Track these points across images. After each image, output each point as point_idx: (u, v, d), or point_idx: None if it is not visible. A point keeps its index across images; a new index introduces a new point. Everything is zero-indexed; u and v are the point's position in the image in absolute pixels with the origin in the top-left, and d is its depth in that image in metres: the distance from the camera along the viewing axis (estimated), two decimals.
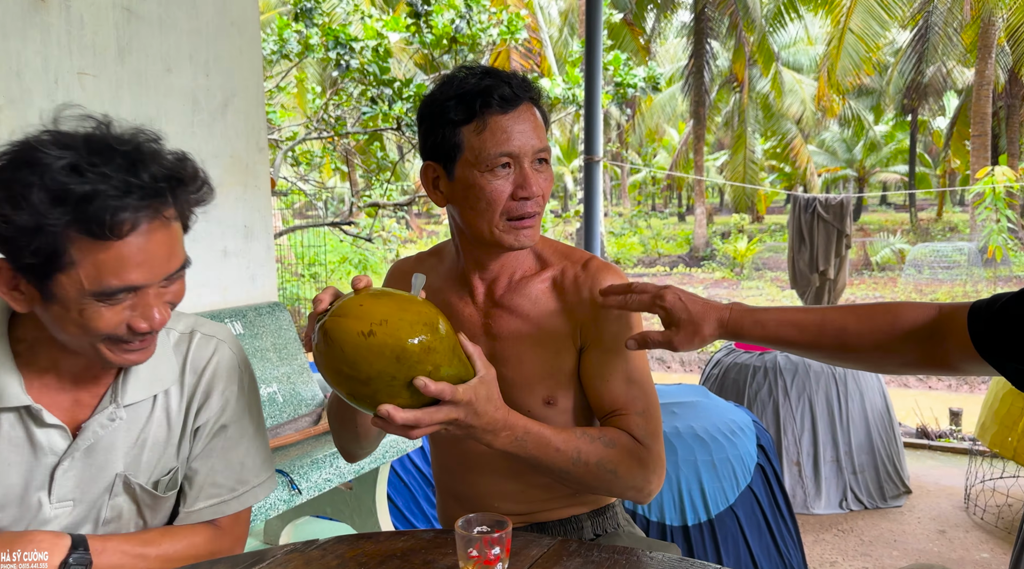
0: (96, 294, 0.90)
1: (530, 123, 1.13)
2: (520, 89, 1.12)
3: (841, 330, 1.05)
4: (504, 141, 1.10)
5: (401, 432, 0.94)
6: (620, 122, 24.73)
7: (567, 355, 1.20)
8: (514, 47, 12.91)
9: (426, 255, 1.36)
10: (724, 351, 3.87)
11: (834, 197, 5.02)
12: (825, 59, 16.43)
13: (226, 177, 2.57)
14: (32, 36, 1.98)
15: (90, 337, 0.93)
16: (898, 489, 3.51)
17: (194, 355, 1.11)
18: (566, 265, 1.23)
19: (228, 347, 1.14)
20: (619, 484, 1.12)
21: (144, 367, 1.05)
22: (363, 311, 0.90)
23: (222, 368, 1.12)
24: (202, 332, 1.13)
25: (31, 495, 1.00)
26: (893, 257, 15.70)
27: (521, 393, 1.19)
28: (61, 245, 0.87)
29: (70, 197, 0.86)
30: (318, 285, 11.47)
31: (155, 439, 1.07)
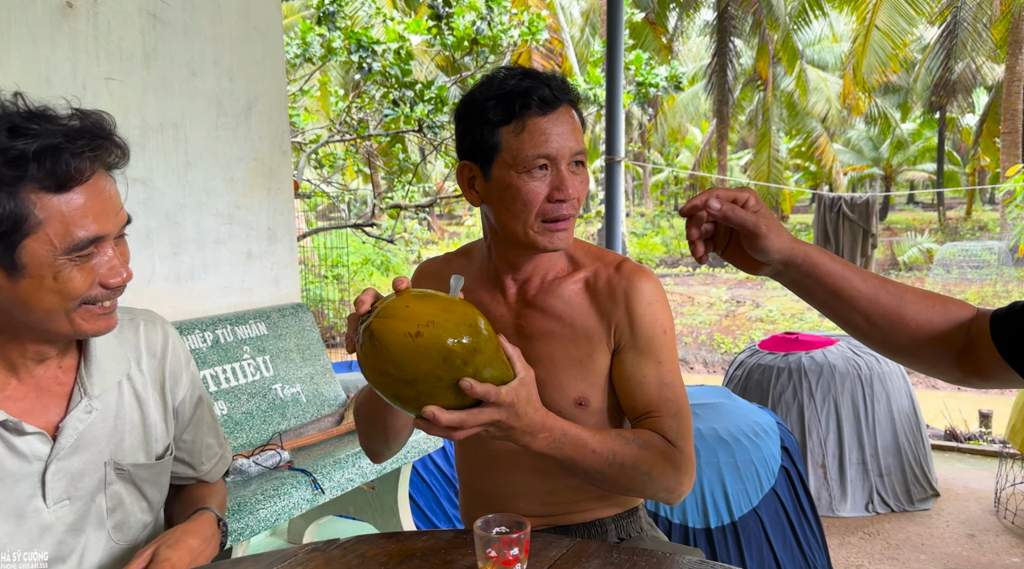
0: (67, 250, 0.92)
1: (568, 126, 1.13)
2: (560, 91, 1.13)
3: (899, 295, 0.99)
4: (542, 143, 1.11)
5: (444, 433, 0.94)
6: (642, 122, 24.62)
7: (600, 356, 1.20)
8: (535, 48, 12.91)
9: (454, 256, 1.36)
10: (747, 352, 3.84)
11: (860, 196, 4.96)
12: (851, 56, 16.23)
13: (250, 180, 2.60)
14: (60, 43, 2.01)
15: (67, 303, 0.95)
16: (926, 492, 3.46)
17: (147, 340, 1.16)
18: (599, 267, 1.23)
19: (170, 327, 1.21)
20: (652, 486, 1.13)
21: (102, 357, 1.08)
22: (409, 312, 0.90)
23: (178, 348, 1.20)
24: (142, 318, 1.18)
25: (26, 504, 1.01)
26: (921, 257, 15.47)
27: (553, 394, 1.20)
28: (25, 207, 0.89)
29: (24, 155, 0.88)
30: (341, 287, 11.56)
31: (132, 422, 1.11)
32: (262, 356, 2.44)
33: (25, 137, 0.89)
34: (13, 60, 1.90)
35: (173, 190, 2.34)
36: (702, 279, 15.74)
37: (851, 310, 1.00)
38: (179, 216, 2.37)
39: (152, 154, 2.27)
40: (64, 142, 0.90)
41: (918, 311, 0.98)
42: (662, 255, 19.26)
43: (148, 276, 2.28)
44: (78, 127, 0.93)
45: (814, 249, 1.00)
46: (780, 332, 4.03)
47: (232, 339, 2.38)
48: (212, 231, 2.47)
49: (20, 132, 0.89)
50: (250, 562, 1.04)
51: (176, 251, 2.36)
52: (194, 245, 2.42)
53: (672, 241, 20.84)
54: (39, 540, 1.02)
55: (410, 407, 0.94)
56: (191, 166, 2.39)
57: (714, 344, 10.60)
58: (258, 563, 1.03)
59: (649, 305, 1.20)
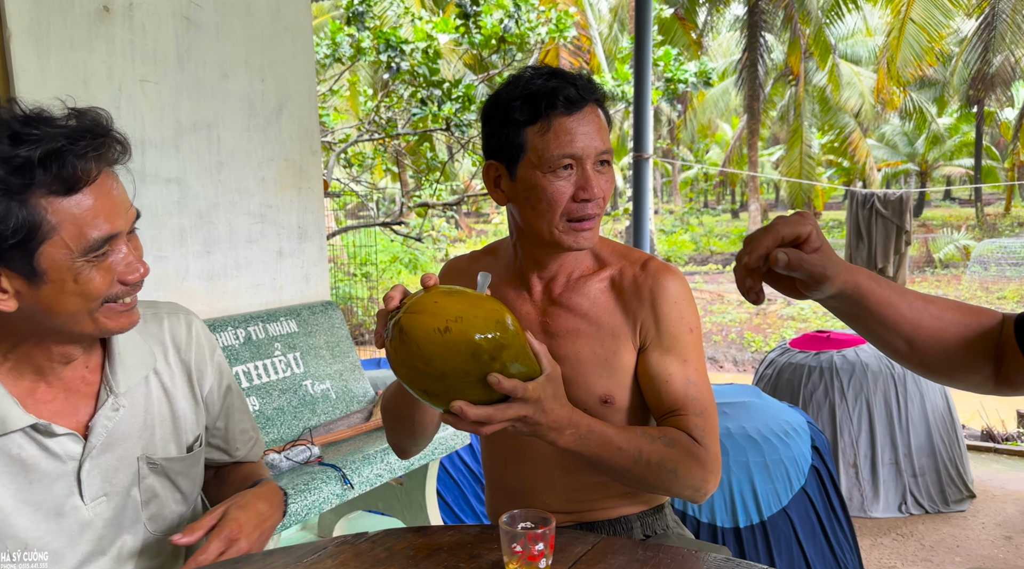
0: (84, 252, 0.93)
1: (594, 125, 1.14)
2: (585, 90, 1.13)
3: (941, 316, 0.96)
4: (567, 143, 1.11)
5: (472, 428, 0.95)
6: (671, 118, 24.43)
7: (625, 354, 1.20)
8: (563, 45, 12.87)
9: (480, 253, 1.37)
10: (778, 351, 3.80)
11: (893, 192, 4.88)
12: (885, 50, 15.93)
13: (281, 180, 2.63)
14: (97, 47, 2.06)
15: (89, 304, 0.96)
16: (961, 493, 3.40)
17: (172, 333, 1.17)
18: (624, 265, 1.24)
19: (195, 318, 1.21)
20: (678, 484, 1.13)
21: (127, 354, 1.09)
22: (438, 308, 0.91)
23: (203, 339, 1.20)
24: (165, 312, 1.19)
25: (65, 502, 1.03)
26: (957, 254, 15.16)
27: (578, 391, 1.20)
28: (37, 214, 0.89)
29: (30, 162, 0.88)
30: (369, 284, 11.65)
31: (161, 416, 1.13)
32: (293, 353, 2.48)
33: (27, 143, 0.88)
34: (52, 64, 1.95)
35: (206, 190, 2.38)
36: (732, 277, 15.59)
37: (895, 335, 0.97)
38: (212, 215, 2.41)
39: (186, 154, 2.31)
40: (67, 144, 0.90)
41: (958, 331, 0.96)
42: (691, 252, 19.11)
43: (182, 274, 2.33)
44: (77, 127, 0.93)
45: (862, 275, 0.96)
46: (811, 330, 3.98)
47: (263, 336, 2.42)
48: (244, 230, 2.52)
49: (22, 138, 0.88)
50: (282, 554, 1.06)
51: (209, 250, 2.41)
52: (227, 244, 2.46)
53: (701, 238, 20.67)
54: (79, 537, 1.04)
55: (438, 402, 0.95)
56: (223, 166, 2.43)
57: (744, 342, 10.50)
58: (289, 555, 1.05)
59: (675, 304, 1.19)
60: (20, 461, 0.99)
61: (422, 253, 15.56)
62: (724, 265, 17.25)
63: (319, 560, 1.03)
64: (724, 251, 19.33)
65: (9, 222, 0.88)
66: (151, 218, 2.23)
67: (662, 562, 0.99)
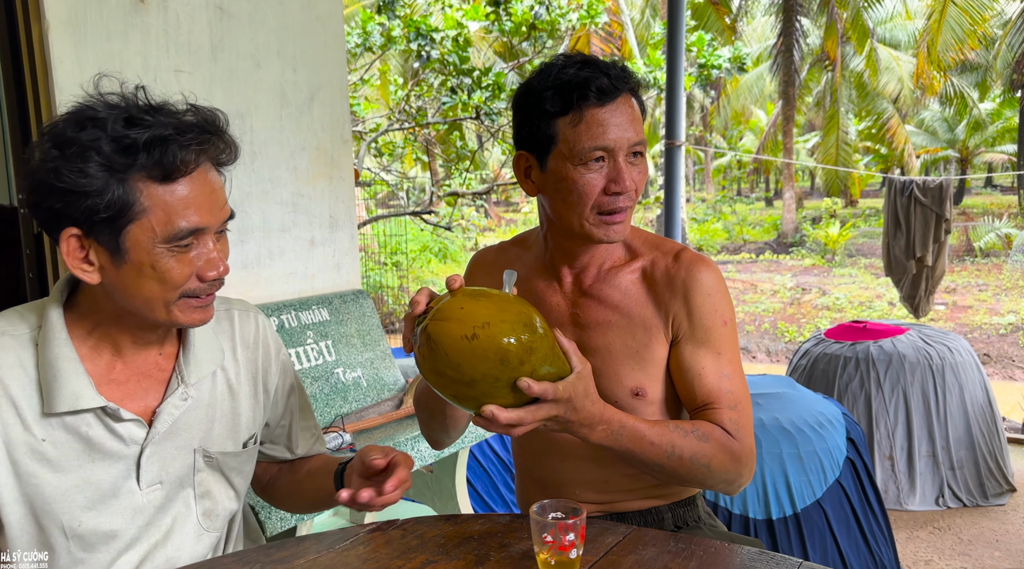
0: (167, 239, 0.95)
1: (627, 116, 1.11)
2: (619, 80, 1.11)
3: None
4: (599, 135, 1.09)
5: (504, 431, 0.95)
6: (704, 104, 24.12)
7: (657, 346, 1.19)
8: (594, 31, 12.76)
9: (508, 245, 1.36)
10: (813, 341, 3.74)
11: (933, 179, 4.76)
12: (925, 34, 15.53)
13: (312, 169, 2.65)
14: (133, 37, 2.09)
15: (167, 293, 0.98)
16: (1001, 487, 3.32)
17: (241, 330, 1.19)
18: (656, 256, 1.21)
19: (262, 317, 1.23)
20: (712, 478, 1.11)
21: (200, 347, 1.11)
22: (464, 314, 0.91)
23: (270, 337, 1.22)
24: (237, 308, 1.20)
25: (122, 485, 1.05)
26: (998, 242, 14.77)
27: (609, 383, 1.19)
28: (132, 194, 0.93)
29: (136, 145, 0.92)
30: (400, 273, 11.71)
31: (222, 411, 1.14)
32: (324, 341, 2.50)
33: (139, 127, 0.93)
34: (89, 55, 1.98)
35: (240, 179, 2.41)
36: (765, 266, 15.39)
37: None
38: (245, 204, 2.43)
39: None
40: (174, 134, 0.93)
41: None
42: (724, 241, 18.89)
43: None
44: (190, 121, 0.97)
45: None
46: (847, 320, 3.91)
47: (296, 324, 2.44)
48: (277, 219, 2.54)
49: (135, 122, 0.93)
50: (314, 540, 1.07)
51: (243, 239, 2.43)
52: (260, 233, 2.49)
53: (734, 227, 20.42)
54: (131, 520, 1.06)
55: (469, 406, 0.95)
56: (256, 156, 2.45)
57: (778, 333, 10.37)
58: (322, 542, 1.06)
59: (708, 296, 1.17)
60: (87, 439, 1.02)
61: (452, 242, 15.61)
62: (757, 254, 17.03)
63: (351, 547, 1.04)
64: (757, 240, 19.07)
65: (105, 196, 0.92)
66: None
67: (694, 554, 0.98)
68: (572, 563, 0.90)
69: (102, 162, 0.91)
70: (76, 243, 0.96)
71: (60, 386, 0.99)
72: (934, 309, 10.02)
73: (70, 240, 0.96)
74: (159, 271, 0.96)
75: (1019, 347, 9.21)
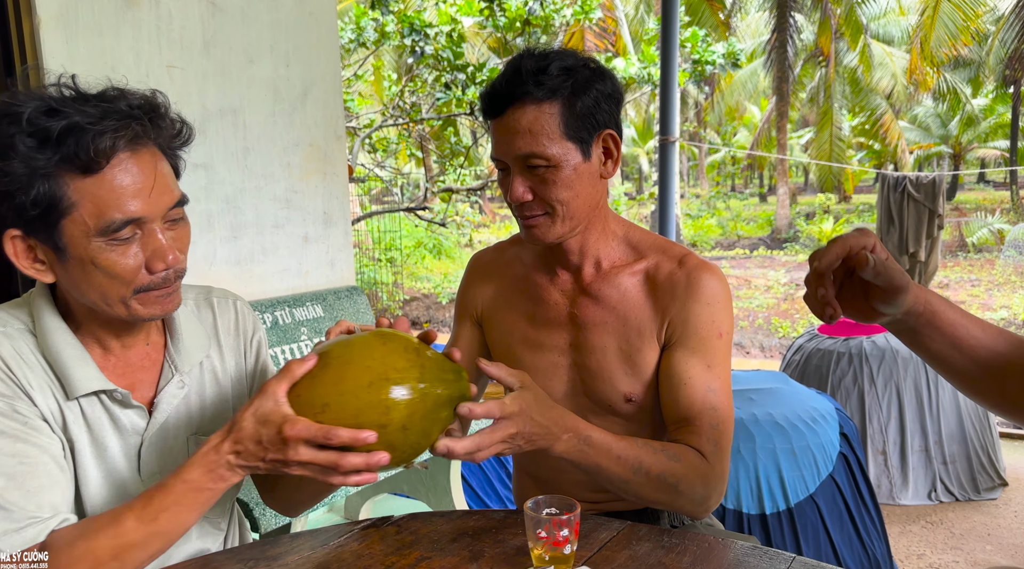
0: (101, 232, 0.91)
1: (512, 128, 1.09)
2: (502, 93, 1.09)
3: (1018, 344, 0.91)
4: (494, 148, 1.13)
5: (467, 459, 0.93)
6: (698, 100, 24.14)
7: (647, 352, 1.17)
8: (588, 27, 12.74)
9: (507, 244, 1.36)
10: (806, 337, 3.75)
11: (926, 175, 4.78)
12: (918, 30, 15.58)
13: (306, 165, 2.64)
14: (124, 33, 2.07)
15: (119, 288, 0.94)
16: (993, 481, 3.34)
17: (222, 318, 1.17)
18: (661, 259, 1.19)
19: (241, 302, 1.21)
20: (679, 499, 1.08)
21: (188, 336, 1.10)
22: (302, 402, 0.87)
23: (250, 322, 1.21)
24: (216, 296, 1.19)
25: (126, 476, 1.05)
26: (991, 238, 14.84)
27: (603, 386, 1.19)
28: (58, 188, 0.89)
29: (51, 134, 0.87)
30: (394, 269, 11.70)
31: (211, 399, 1.14)
32: (319, 337, 2.49)
33: (57, 117, 0.88)
34: (80, 51, 1.97)
35: (233, 175, 2.40)
36: (759, 261, 15.43)
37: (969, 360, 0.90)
38: (239, 201, 2.43)
39: (212, 140, 2.33)
40: (88, 123, 0.88)
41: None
42: (718, 237, 18.92)
43: (210, 260, 2.35)
44: (112, 108, 0.91)
45: (933, 296, 0.91)
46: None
47: (290, 321, 2.44)
48: (270, 215, 2.53)
49: (54, 114, 0.88)
50: (308, 537, 1.07)
51: (236, 235, 2.43)
52: (253, 229, 2.48)
53: (728, 223, 20.45)
54: None
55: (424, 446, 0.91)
56: (249, 152, 2.45)
57: (771, 328, 10.40)
58: (316, 538, 1.06)
59: (708, 305, 1.14)
60: (96, 429, 1.01)
61: (446, 238, 15.59)
62: (751, 250, 17.07)
63: (345, 543, 1.04)
64: (751, 236, 19.11)
65: (30, 194, 0.88)
66: None
67: (688, 549, 0.98)
68: (566, 558, 0.91)
69: (21, 158, 0.87)
70: (22, 244, 0.94)
71: (73, 371, 0.98)
72: None
73: (14, 241, 0.93)
74: (102, 266, 0.92)
75: None
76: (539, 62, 1.08)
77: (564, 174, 1.10)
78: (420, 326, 12.10)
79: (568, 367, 1.22)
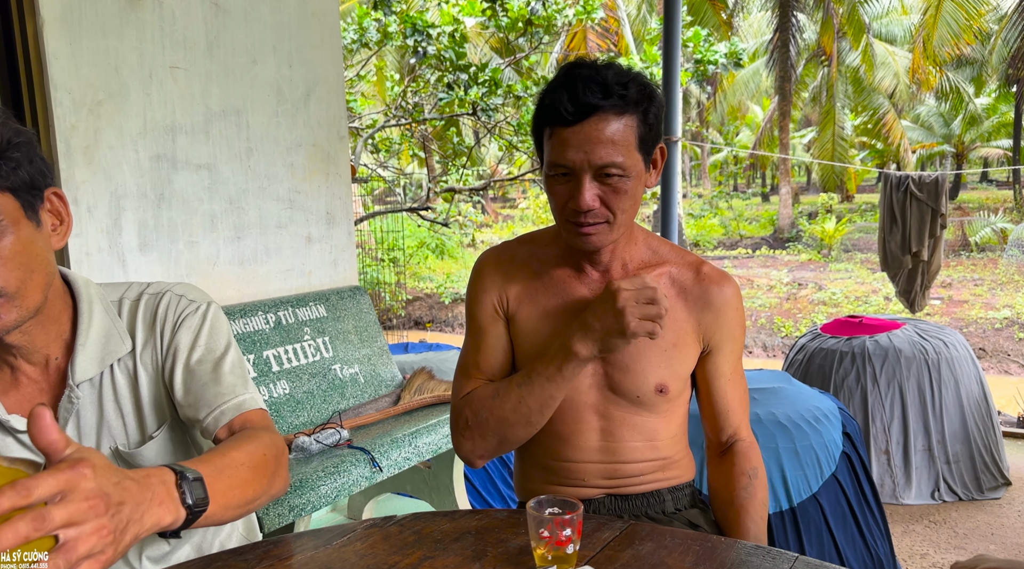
0: None
1: (593, 138, 1.10)
2: (588, 102, 1.09)
3: None
4: (559, 154, 1.12)
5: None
6: (700, 100, 24.12)
7: (684, 348, 1.26)
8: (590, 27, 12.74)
9: (514, 244, 1.35)
10: (809, 336, 3.75)
11: (928, 174, 4.77)
12: (921, 29, 15.55)
13: (309, 165, 2.65)
14: (128, 33, 2.08)
15: None
16: (996, 481, 3.34)
17: (144, 314, 1.09)
18: (680, 265, 1.29)
19: (172, 294, 1.11)
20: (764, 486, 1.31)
21: (92, 343, 1.04)
22: None
23: (172, 314, 1.10)
24: (149, 292, 1.11)
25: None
26: (994, 237, 14.81)
27: (635, 379, 1.23)
28: None
29: None
30: (397, 270, 11.70)
31: (127, 406, 1.08)
32: (322, 337, 2.50)
33: None
34: (84, 51, 1.98)
35: (236, 176, 2.40)
36: (762, 261, 15.41)
37: None
38: (242, 201, 2.43)
39: (216, 140, 2.33)
40: None
41: None
42: (720, 237, 18.91)
43: (213, 260, 2.36)
44: None
45: None
46: (843, 315, 3.92)
47: (293, 321, 2.44)
48: (273, 216, 2.53)
49: None
50: (311, 537, 1.07)
51: (240, 235, 2.43)
52: (256, 229, 2.48)
53: (730, 222, 20.44)
54: None
55: None
56: (253, 152, 2.45)
57: (774, 328, 10.39)
58: (319, 537, 1.06)
59: (737, 310, 1.28)
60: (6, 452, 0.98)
61: (449, 238, 15.60)
62: (754, 250, 17.04)
63: (348, 543, 1.04)
64: (753, 235, 19.09)
65: None
66: (182, 204, 2.26)
67: (691, 549, 0.98)
68: (569, 558, 0.91)
69: None
70: None
71: None
72: (930, 304, 10.03)
73: None
74: None
75: (1014, 341, 9.24)
76: (619, 76, 1.12)
77: (632, 184, 1.15)
78: (423, 326, 12.10)
79: (594, 361, 1.24)
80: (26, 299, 0.94)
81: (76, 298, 1.06)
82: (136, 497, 0.71)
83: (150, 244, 2.18)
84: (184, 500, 0.77)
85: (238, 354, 1.14)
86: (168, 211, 2.22)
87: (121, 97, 2.07)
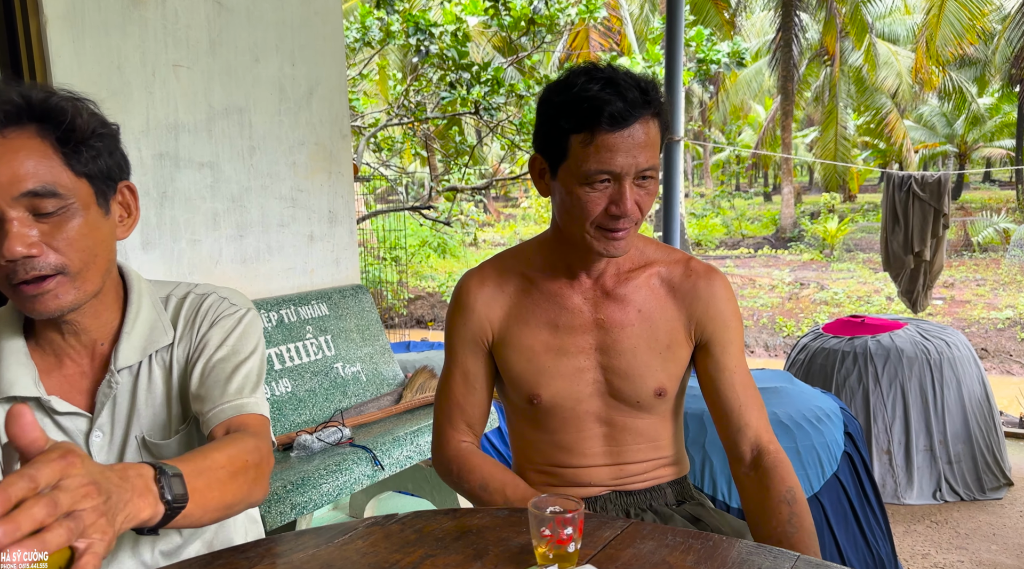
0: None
1: (641, 141, 1.09)
2: (635, 105, 1.08)
3: None
4: (607, 160, 1.08)
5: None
6: (703, 99, 24.10)
7: (678, 349, 1.25)
8: (593, 26, 12.74)
9: (499, 260, 1.32)
10: (811, 336, 3.75)
11: (931, 174, 4.76)
12: (924, 28, 15.53)
13: (311, 164, 2.65)
14: (131, 31, 2.08)
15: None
16: (998, 481, 3.34)
17: (187, 311, 1.12)
18: (668, 263, 1.28)
19: (221, 294, 1.15)
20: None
21: (138, 332, 1.06)
22: None
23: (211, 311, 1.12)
24: (196, 292, 1.14)
25: None
26: (996, 237, 14.79)
27: (633, 384, 1.23)
28: None
29: None
30: (399, 268, 11.71)
31: (162, 398, 1.09)
32: (324, 336, 2.50)
33: None
34: (87, 49, 1.98)
35: (239, 174, 2.41)
36: (764, 261, 15.39)
37: None
38: (244, 199, 2.43)
39: (218, 139, 2.34)
40: None
41: None
42: (722, 236, 18.89)
43: (216, 258, 2.36)
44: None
45: None
46: (845, 315, 3.92)
47: (295, 319, 2.44)
48: (276, 214, 2.54)
49: None
50: (313, 535, 1.07)
51: (242, 234, 2.43)
52: (259, 228, 2.49)
53: (732, 222, 20.42)
54: None
55: None
56: (255, 150, 2.45)
57: (776, 327, 10.38)
58: (321, 536, 1.06)
59: (728, 301, 1.26)
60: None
61: (451, 237, 15.60)
62: (756, 249, 17.03)
63: (350, 541, 1.04)
64: (756, 235, 19.08)
65: None
66: (185, 202, 2.26)
67: (692, 548, 0.98)
68: (570, 557, 0.91)
69: None
70: None
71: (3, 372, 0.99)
72: (932, 304, 10.03)
73: None
74: None
75: (1016, 341, 9.23)
76: (643, 79, 1.11)
77: (656, 186, 1.16)
78: (425, 324, 12.11)
79: (594, 369, 1.24)
80: (86, 281, 0.96)
81: (128, 289, 1.09)
82: (118, 487, 0.70)
83: (152, 242, 2.18)
84: (163, 495, 0.76)
85: (261, 365, 1.15)
86: (171, 209, 2.22)
87: (124, 95, 2.07)
